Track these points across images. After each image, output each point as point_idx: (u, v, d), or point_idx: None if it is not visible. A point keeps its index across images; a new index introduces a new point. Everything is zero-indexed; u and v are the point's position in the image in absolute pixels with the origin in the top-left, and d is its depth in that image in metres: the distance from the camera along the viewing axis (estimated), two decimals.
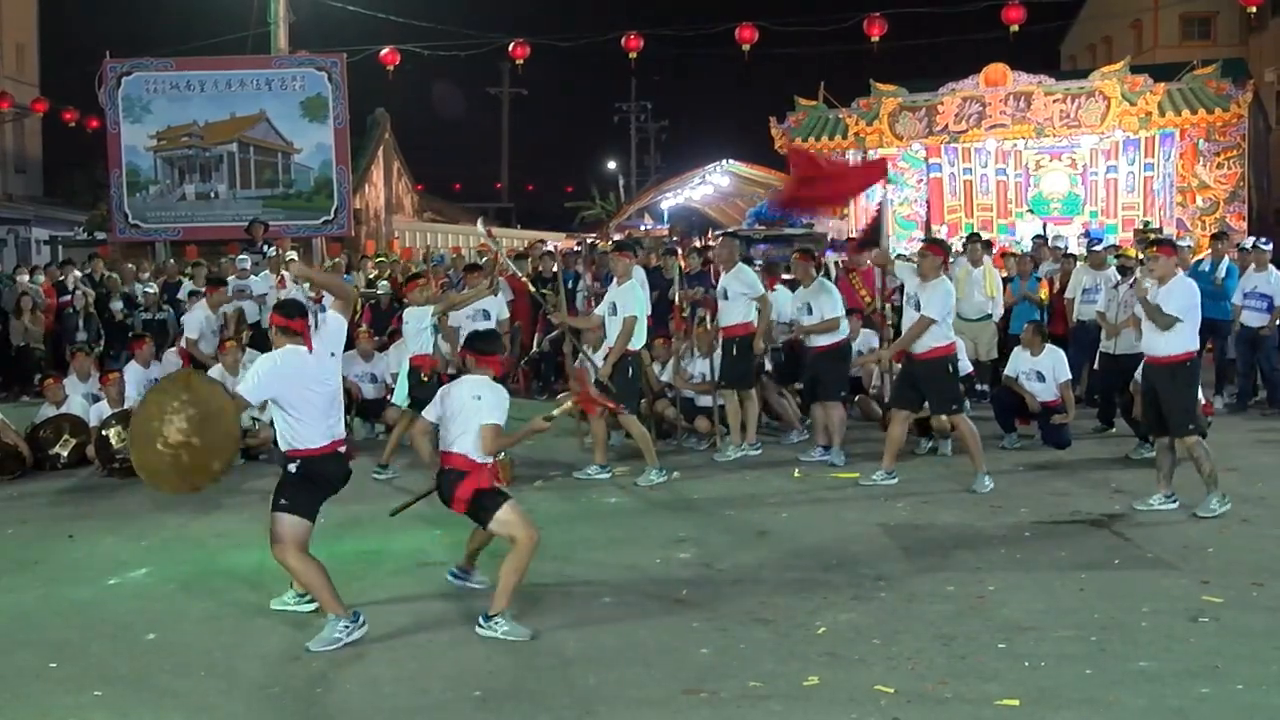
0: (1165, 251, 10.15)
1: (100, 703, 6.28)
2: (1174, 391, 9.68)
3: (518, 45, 26.71)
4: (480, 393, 7.42)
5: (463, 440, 7.36)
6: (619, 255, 11.94)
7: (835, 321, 12.15)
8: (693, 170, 42.43)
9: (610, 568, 8.35)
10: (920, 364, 10.94)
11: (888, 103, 27.41)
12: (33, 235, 39.03)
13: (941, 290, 10.82)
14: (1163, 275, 9.88)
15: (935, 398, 11.07)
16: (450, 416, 7.46)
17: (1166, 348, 9.73)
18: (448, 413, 7.49)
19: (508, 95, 63.46)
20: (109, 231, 26.42)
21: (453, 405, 7.47)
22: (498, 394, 7.49)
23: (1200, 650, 6.60)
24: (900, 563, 8.51)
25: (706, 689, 6.19)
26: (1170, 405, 9.68)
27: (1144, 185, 26.63)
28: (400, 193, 33.78)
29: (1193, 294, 9.79)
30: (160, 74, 25.42)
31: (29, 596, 8.21)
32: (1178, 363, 9.70)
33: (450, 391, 7.65)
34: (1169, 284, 9.79)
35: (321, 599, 7.04)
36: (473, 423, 7.34)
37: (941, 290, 10.82)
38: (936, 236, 11.96)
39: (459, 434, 7.39)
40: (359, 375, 13.66)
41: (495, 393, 7.47)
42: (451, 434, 7.43)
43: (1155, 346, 9.84)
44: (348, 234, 25.92)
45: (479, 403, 7.37)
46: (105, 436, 12.35)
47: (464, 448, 7.35)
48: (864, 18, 24.58)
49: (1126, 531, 9.19)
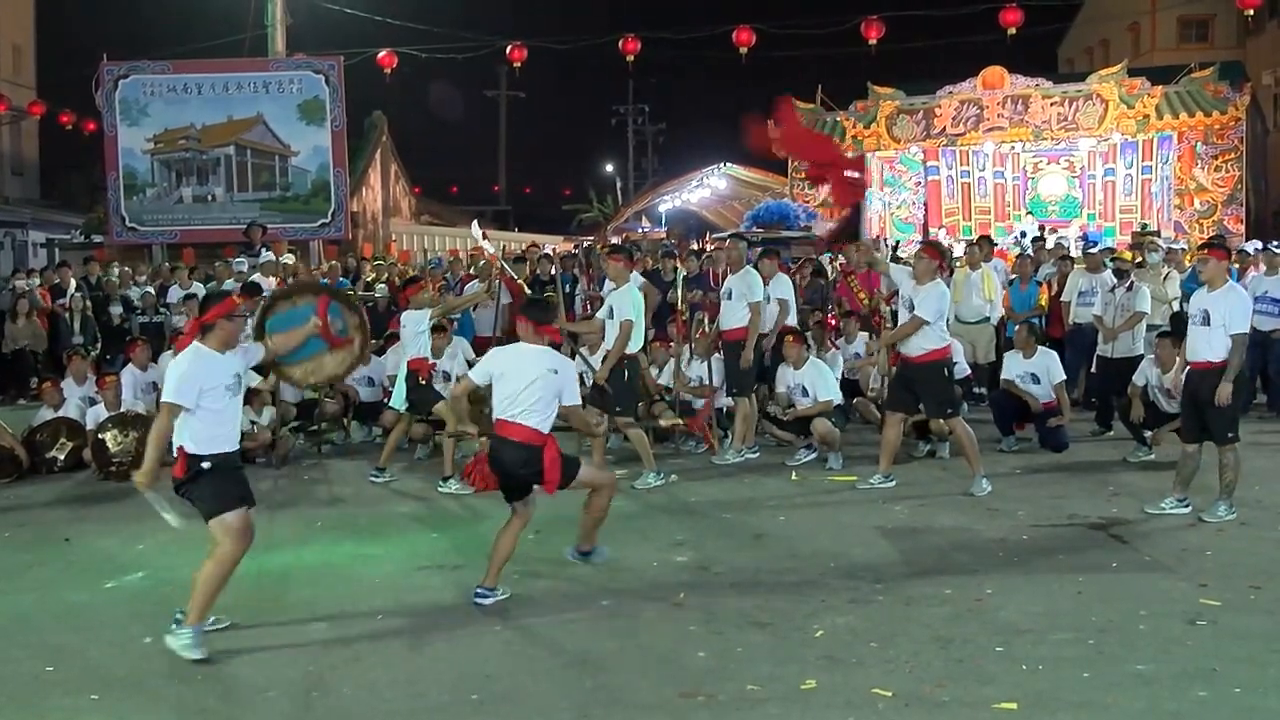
0: (1217, 254, 9.88)
1: (97, 706, 6.27)
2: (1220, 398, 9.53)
3: (515, 48, 26.76)
4: (557, 366, 7.50)
5: (533, 414, 7.42)
6: (612, 259, 11.89)
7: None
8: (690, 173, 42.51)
9: (607, 570, 8.33)
10: (916, 367, 10.91)
11: (885, 105, 27.44)
12: (29, 238, 38.99)
13: (936, 293, 10.78)
14: (1211, 279, 9.72)
15: (930, 401, 11.04)
16: (519, 387, 7.46)
17: (1211, 353, 9.59)
18: (516, 382, 7.48)
19: (505, 98, 63.55)
20: (106, 234, 26.41)
21: (522, 375, 7.48)
22: (571, 369, 7.70)
23: (1198, 653, 6.59)
24: (898, 566, 8.51)
25: (704, 692, 6.18)
26: (1215, 411, 9.55)
27: (1142, 188, 26.68)
28: (398, 195, 33.76)
29: (1246, 303, 9.65)
30: (157, 76, 25.42)
31: (26, 599, 8.19)
32: (1226, 369, 9.53)
33: (511, 358, 7.65)
34: (1220, 291, 9.60)
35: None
36: (551, 397, 7.45)
37: (936, 293, 10.78)
38: (934, 240, 11.87)
39: (529, 406, 7.42)
40: (356, 378, 13.63)
41: (569, 368, 7.67)
42: (519, 405, 7.43)
43: (1200, 352, 9.69)
44: (345, 237, 25.91)
45: (557, 378, 7.46)
46: (102, 440, 12.34)
47: (535, 421, 7.40)
48: (862, 20, 24.64)
49: (1124, 535, 9.19)
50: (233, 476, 7.03)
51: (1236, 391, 9.57)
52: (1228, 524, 9.40)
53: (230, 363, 7.12)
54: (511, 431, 7.47)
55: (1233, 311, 9.48)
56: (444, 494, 11.20)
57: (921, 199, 28.37)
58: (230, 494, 6.92)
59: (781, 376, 12.65)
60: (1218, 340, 9.53)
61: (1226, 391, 9.44)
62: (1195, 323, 9.75)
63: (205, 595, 6.75)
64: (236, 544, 6.83)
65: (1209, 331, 9.57)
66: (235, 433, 7.17)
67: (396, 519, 10.37)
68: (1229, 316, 9.46)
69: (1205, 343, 9.61)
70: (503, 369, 7.58)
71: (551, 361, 7.57)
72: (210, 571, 6.80)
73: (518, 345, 7.83)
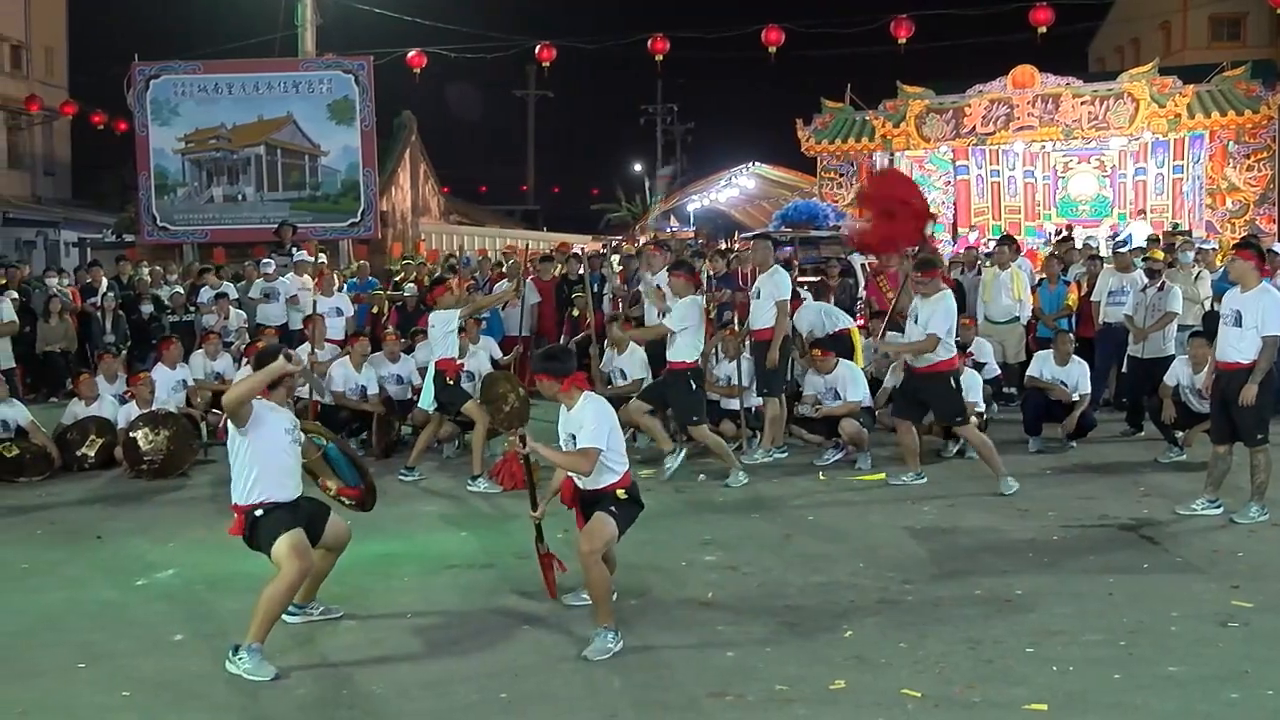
0: (1244, 255, 9.81)
1: (127, 704, 6.30)
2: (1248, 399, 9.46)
3: (544, 48, 26.77)
4: (574, 431, 7.17)
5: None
6: (674, 275, 11.84)
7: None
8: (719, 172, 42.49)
9: (635, 570, 8.32)
10: (921, 377, 10.91)
11: (915, 105, 27.29)
12: (61, 237, 39.31)
13: (943, 307, 10.75)
14: (1241, 279, 9.66)
15: (938, 409, 11.09)
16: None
17: (1240, 354, 9.53)
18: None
19: (533, 98, 63.59)
20: (137, 234, 26.57)
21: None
22: (585, 417, 7.19)
23: (1230, 655, 6.56)
24: (927, 566, 8.48)
25: (732, 692, 6.18)
26: (1243, 412, 9.49)
27: (1173, 187, 26.48)
28: (426, 195, 33.82)
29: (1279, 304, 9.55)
30: (188, 77, 25.57)
31: (57, 597, 8.25)
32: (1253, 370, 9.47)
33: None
34: (1253, 292, 9.53)
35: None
36: None
37: (943, 307, 10.75)
38: (926, 256, 11.81)
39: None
40: (386, 376, 13.68)
41: (583, 419, 7.17)
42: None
43: (1229, 353, 9.63)
44: (374, 236, 26.00)
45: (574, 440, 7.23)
46: (133, 438, 12.40)
47: (588, 484, 7.24)
48: (891, 19, 24.55)
49: (1156, 536, 9.14)
50: (287, 507, 6.98)
51: (1263, 393, 9.50)
52: (1259, 525, 9.35)
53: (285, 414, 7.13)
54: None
55: (1266, 313, 9.41)
56: (473, 493, 11.23)
57: (951, 198, 28.21)
58: (283, 520, 6.89)
59: (811, 381, 12.63)
60: (1248, 341, 9.47)
61: (1251, 393, 9.39)
62: (1227, 323, 9.68)
63: (265, 616, 6.67)
64: (295, 562, 6.77)
65: (1240, 333, 9.51)
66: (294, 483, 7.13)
67: (425, 518, 10.40)
68: (1262, 318, 9.40)
69: (1235, 343, 9.56)
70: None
71: (571, 427, 7.19)
72: (270, 592, 6.73)
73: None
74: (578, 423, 7.06)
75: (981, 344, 14.19)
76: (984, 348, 14.17)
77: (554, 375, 7.17)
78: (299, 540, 6.81)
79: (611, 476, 7.10)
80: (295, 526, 6.86)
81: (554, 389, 7.19)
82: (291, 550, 6.75)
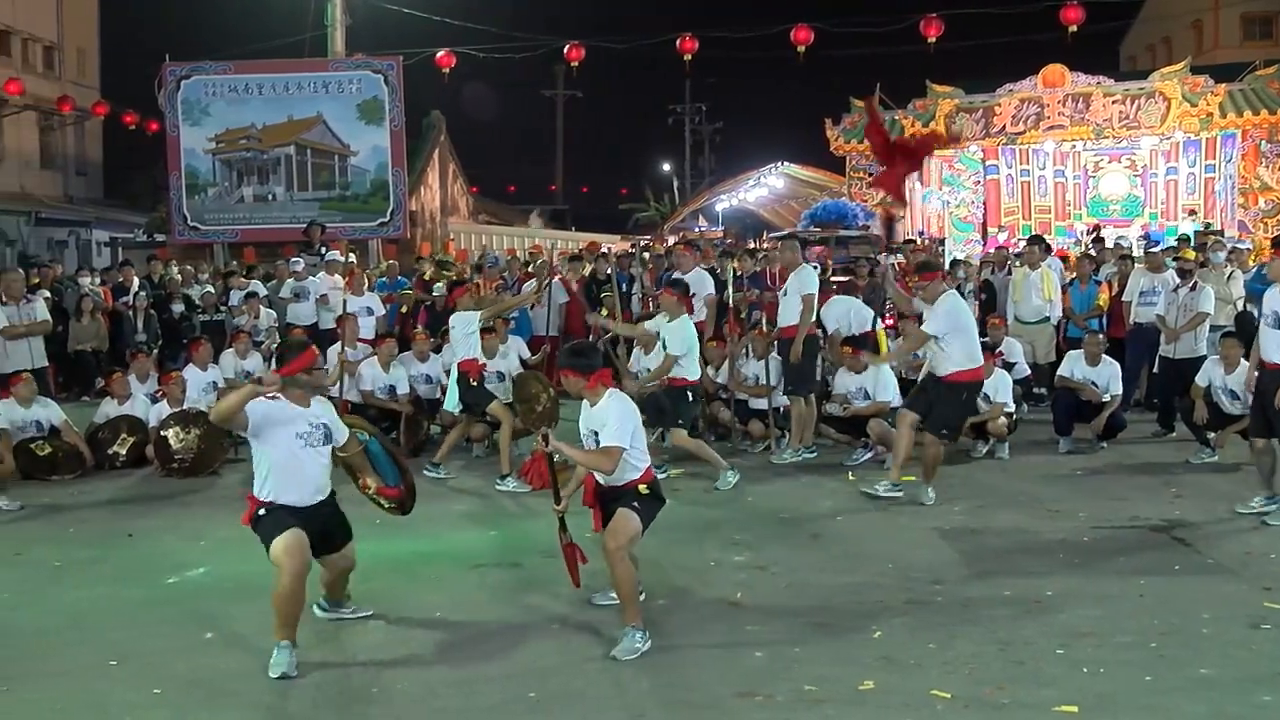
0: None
1: (159, 701, 6.33)
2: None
3: (573, 48, 26.80)
4: (596, 428, 7.15)
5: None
6: (665, 292, 11.88)
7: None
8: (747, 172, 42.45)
9: (664, 570, 8.32)
10: (937, 381, 10.66)
11: (944, 104, 27.23)
12: (93, 237, 39.53)
13: (942, 309, 10.50)
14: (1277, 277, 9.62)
15: (937, 415, 10.58)
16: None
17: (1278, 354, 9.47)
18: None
19: (562, 97, 63.63)
20: (168, 233, 26.72)
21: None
22: (608, 414, 7.15)
23: (1261, 657, 6.52)
24: (956, 567, 8.45)
25: (760, 693, 6.17)
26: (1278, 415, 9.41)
27: (1205, 187, 26.35)
28: (455, 195, 33.93)
29: None
30: (219, 77, 25.73)
31: (89, 595, 8.30)
32: None
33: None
34: None
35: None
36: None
37: (942, 309, 10.50)
38: (925, 260, 11.83)
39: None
40: (415, 376, 13.71)
41: (606, 417, 7.13)
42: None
43: (1272, 354, 9.51)
44: (403, 236, 26.10)
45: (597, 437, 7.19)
46: (164, 437, 12.46)
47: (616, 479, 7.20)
48: (921, 18, 24.49)
49: (1187, 537, 9.08)
50: (292, 509, 6.96)
51: None
52: None
53: (305, 413, 7.08)
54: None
55: None
56: (501, 492, 11.24)
57: (980, 198, 28.14)
58: (283, 521, 6.89)
59: (841, 380, 12.59)
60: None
61: None
62: (1268, 324, 9.57)
63: (277, 614, 6.67)
64: (286, 561, 6.73)
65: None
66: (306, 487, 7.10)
67: (453, 517, 10.42)
68: None
69: (1277, 344, 9.48)
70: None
71: (593, 424, 7.18)
72: (274, 592, 6.74)
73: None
74: (600, 420, 7.07)
75: (1011, 344, 14.14)
76: (1014, 348, 14.12)
77: (580, 371, 7.17)
78: (293, 540, 6.79)
79: (634, 473, 7.11)
80: (292, 527, 6.84)
81: (580, 385, 7.18)
82: (284, 550, 6.75)
